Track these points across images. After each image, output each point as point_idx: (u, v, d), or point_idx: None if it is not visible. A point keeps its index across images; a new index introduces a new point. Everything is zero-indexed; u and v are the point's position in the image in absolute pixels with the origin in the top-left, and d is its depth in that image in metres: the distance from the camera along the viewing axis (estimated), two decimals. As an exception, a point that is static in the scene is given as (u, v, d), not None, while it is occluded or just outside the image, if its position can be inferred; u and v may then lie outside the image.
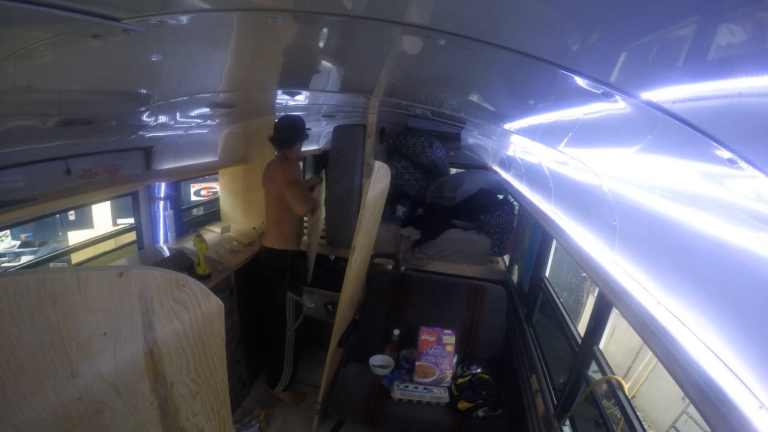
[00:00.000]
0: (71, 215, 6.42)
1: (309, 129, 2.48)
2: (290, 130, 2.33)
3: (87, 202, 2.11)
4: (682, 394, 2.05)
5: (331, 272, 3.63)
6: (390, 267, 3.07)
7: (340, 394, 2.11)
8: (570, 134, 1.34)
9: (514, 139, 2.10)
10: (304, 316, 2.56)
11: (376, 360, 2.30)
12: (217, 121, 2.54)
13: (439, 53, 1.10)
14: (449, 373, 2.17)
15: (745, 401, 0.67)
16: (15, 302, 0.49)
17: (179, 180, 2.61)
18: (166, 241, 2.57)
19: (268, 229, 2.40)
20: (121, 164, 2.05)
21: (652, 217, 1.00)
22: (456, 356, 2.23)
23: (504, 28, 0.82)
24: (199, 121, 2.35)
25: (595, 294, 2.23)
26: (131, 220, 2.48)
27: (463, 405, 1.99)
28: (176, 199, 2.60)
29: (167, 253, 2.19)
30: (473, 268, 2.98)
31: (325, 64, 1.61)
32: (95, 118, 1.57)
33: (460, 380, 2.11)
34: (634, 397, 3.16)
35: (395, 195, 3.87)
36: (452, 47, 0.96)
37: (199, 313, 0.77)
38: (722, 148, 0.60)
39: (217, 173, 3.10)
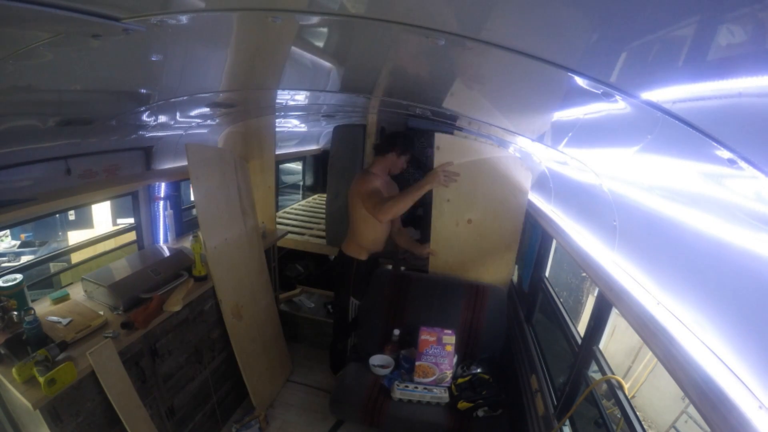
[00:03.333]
0: (71, 215, 6.41)
1: (411, 145, 2.61)
2: (390, 138, 2.49)
3: (87, 201, 2.11)
4: (682, 394, 2.05)
5: (330, 272, 3.63)
6: (390, 267, 3.07)
7: (340, 394, 2.11)
8: (570, 134, 1.34)
9: (514, 139, 2.10)
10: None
11: (376, 360, 2.30)
12: (217, 121, 2.54)
13: (439, 53, 1.10)
14: (449, 373, 2.17)
15: (745, 401, 0.67)
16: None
17: (179, 180, 2.61)
18: (166, 241, 2.57)
19: (348, 234, 2.53)
20: (121, 164, 2.05)
21: (652, 217, 1.00)
22: (456, 356, 2.22)
23: (504, 28, 0.82)
24: (199, 121, 2.35)
25: (595, 294, 2.23)
26: (131, 220, 2.48)
27: (463, 405, 1.99)
28: (176, 199, 2.60)
29: (167, 253, 2.18)
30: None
31: (325, 63, 1.61)
32: (95, 117, 1.57)
33: (460, 380, 2.11)
34: (634, 397, 3.15)
35: (395, 195, 3.87)
36: (452, 47, 0.96)
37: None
38: (722, 148, 0.60)
39: (217, 173, 3.09)
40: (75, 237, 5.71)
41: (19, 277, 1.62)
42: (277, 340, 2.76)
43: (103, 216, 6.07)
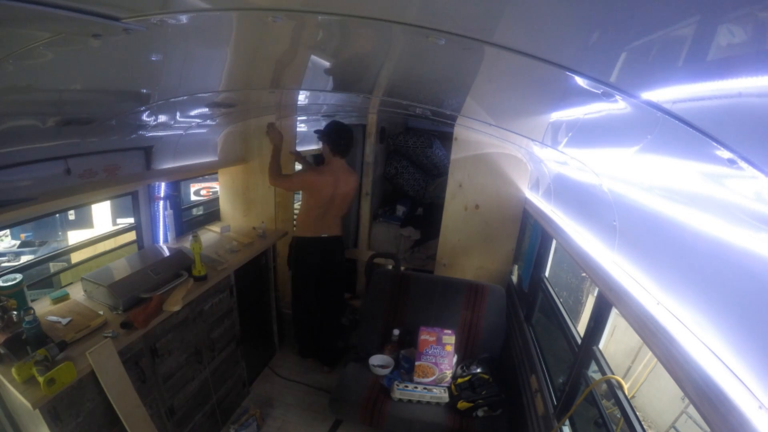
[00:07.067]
0: (71, 215, 6.41)
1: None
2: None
3: (87, 201, 2.10)
4: (681, 394, 2.05)
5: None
6: (390, 267, 3.07)
7: (339, 394, 2.11)
8: (570, 134, 1.34)
9: (515, 139, 2.10)
10: None
11: (376, 360, 2.30)
12: (217, 121, 2.54)
13: (439, 53, 1.10)
14: (449, 373, 2.17)
15: (744, 401, 0.66)
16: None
17: (179, 180, 2.61)
18: (165, 240, 2.57)
19: (335, 223, 2.69)
20: (121, 164, 2.05)
21: (652, 217, 1.00)
22: (456, 356, 2.23)
23: (504, 27, 0.82)
24: (198, 120, 2.35)
25: (595, 294, 2.23)
26: (131, 220, 2.47)
27: (462, 405, 1.99)
28: (176, 199, 2.60)
29: (167, 253, 2.18)
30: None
31: (326, 63, 1.61)
32: (95, 117, 1.57)
33: (459, 380, 2.11)
34: (633, 397, 3.15)
35: (395, 195, 3.88)
36: (452, 47, 0.96)
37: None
38: (722, 148, 0.60)
39: (216, 173, 3.10)
40: (75, 237, 5.71)
41: (18, 276, 1.62)
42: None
43: (103, 216, 6.08)
